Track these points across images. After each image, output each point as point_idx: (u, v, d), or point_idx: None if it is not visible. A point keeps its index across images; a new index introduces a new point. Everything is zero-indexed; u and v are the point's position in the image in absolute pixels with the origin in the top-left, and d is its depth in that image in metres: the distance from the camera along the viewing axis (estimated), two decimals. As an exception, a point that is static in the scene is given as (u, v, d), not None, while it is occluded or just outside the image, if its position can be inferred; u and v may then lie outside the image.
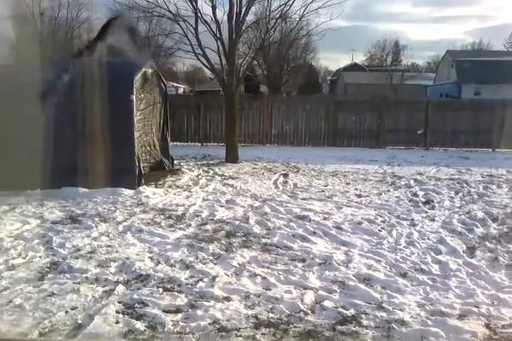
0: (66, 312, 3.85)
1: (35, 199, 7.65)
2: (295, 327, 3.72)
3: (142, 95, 9.64)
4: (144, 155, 9.89)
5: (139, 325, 3.65)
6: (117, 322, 3.70)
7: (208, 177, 10.36)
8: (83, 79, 8.34)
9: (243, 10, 12.39)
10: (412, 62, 59.86)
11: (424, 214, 7.28)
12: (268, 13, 14.78)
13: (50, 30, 31.29)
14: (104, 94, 8.03)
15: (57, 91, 8.34)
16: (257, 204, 7.83)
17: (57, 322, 3.68)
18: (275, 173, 11.12)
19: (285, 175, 10.87)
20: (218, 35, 12.60)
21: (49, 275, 4.62)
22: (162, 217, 6.94)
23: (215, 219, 6.85)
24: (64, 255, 5.19)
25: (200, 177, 10.43)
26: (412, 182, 10.09)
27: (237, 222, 6.64)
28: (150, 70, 10.09)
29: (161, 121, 11.11)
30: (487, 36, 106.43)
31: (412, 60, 64.36)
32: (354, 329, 3.70)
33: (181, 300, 4.13)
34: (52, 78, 8.43)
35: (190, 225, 6.53)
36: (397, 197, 8.60)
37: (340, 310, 4.01)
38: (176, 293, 4.26)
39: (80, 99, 8.17)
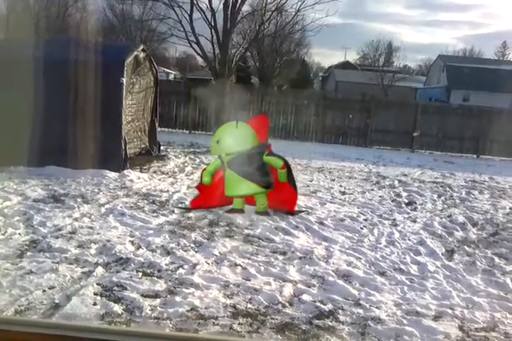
0: (43, 291, 3.82)
1: (18, 177, 7.56)
2: (272, 318, 3.73)
3: (135, 79, 9.54)
4: (134, 140, 9.82)
5: (117, 308, 3.64)
6: (95, 304, 3.68)
7: (194, 165, 10.31)
8: (74, 59, 8.22)
9: (239, 0, 12.35)
10: (404, 64, 60.05)
11: (406, 215, 7.34)
12: (264, 5, 14.77)
13: (42, 7, 30.68)
14: (95, 75, 7.93)
15: (47, 69, 8.21)
16: (241, 195, 7.81)
17: (34, 301, 3.65)
18: (261, 165, 11.07)
19: (271, 168, 10.83)
20: (213, 24, 12.58)
21: (28, 253, 4.57)
22: (145, 201, 6.91)
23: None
24: (44, 234, 5.14)
25: (186, 164, 10.38)
26: (396, 182, 10.16)
27: (220, 212, 6.63)
28: (142, 54, 9.98)
29: (151, 106, 11.03)
30: (478, 43, 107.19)
31: (404, 62, 64.66)
32: (330, 324, 3.73)
33: (160, 285, 4.12)
34: (42, 56, 8.29)
35: (173, 212, 6.51)
36: (380, 196, 8.65)
37: (318, 304, 4.03)
38: (155, 278, 4.24)
39: (70, 79, 8.05)
